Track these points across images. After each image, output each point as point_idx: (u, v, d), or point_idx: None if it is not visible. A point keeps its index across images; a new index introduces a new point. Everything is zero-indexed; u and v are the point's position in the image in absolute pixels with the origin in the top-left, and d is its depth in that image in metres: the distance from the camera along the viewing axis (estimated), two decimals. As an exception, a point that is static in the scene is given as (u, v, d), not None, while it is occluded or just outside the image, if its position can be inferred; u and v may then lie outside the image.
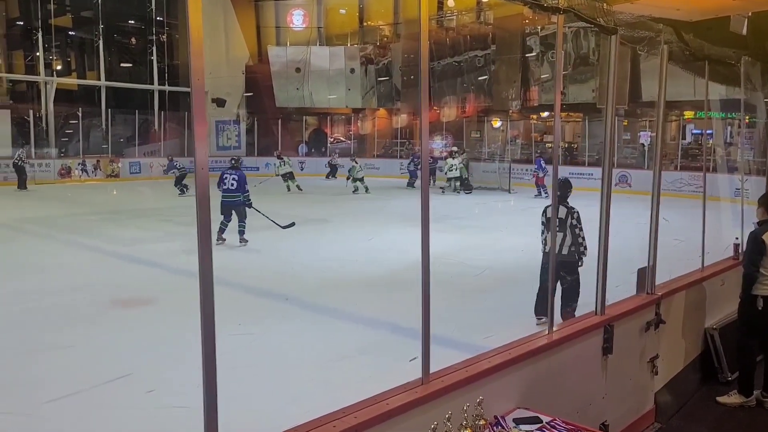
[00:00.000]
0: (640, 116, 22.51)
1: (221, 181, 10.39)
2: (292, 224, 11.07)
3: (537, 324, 5.74)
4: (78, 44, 27.66)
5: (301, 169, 26.96)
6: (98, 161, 23.90)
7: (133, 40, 28.76)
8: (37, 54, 24.33)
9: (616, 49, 3.97)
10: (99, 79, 25.91)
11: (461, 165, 20.59)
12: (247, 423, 3.66)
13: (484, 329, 5.77)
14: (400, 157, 26.52)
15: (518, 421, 3.14)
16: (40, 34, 24.09)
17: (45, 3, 24.16)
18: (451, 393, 2.99)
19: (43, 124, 24.13)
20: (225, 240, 10.40)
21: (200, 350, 2.15)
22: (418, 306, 3.18)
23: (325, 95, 28.65)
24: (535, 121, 25.73)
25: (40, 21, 24.12)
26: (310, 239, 11.28)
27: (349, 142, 29.57)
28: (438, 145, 25.13)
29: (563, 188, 6.01)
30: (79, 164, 23.37)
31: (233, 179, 10.38)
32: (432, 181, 23.03)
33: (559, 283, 5.88)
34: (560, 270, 5.86)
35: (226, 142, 27.95)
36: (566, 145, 24.41)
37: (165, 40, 28.21)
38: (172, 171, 19.49)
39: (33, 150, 23.06)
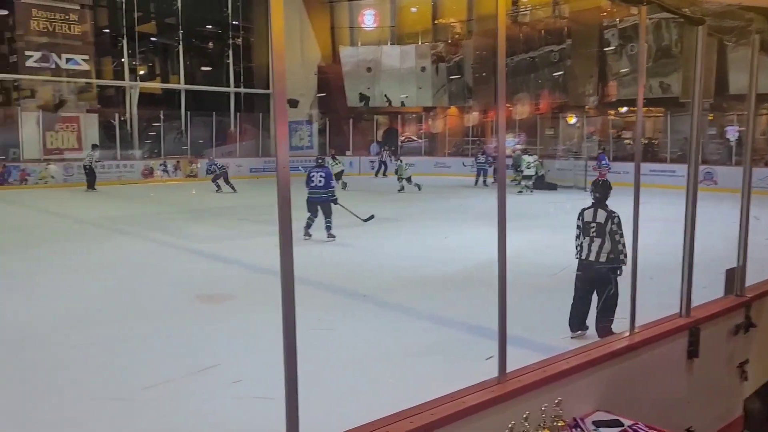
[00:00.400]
0: (726, 110, 21.44)
1: (309, 179, 10.79)
2: (372, 217, 11.34)
3: (572, 338, 5.46)
4: (161, 50, 28.82)
5: (372, 168, 27.19)
6: (178, 162, 24.85)
7: (211, 44, 29.74)
8: (122, 60, 25.52)
9: (702, 41, 3.81)
10: (179, 83, 26.91)
11: (537, 162, 20.19)
12: (325, 416, 3.73)
13: (561, 330, 5.65)
14: (471, 155, 26.29)
15: (598, 424, 3.07)
16: (125, 41, 25.25)
17: (131, 11, 25.32)
18: (529, 393, 2.95)
19: (128, 127, 25.29)
20: (311, 235, 10.71)
21: (281, 344, 2.22)
22: (493, 305, 3.15)
23: (396, 94, 28.73)
24: (613, 117, 24.94)
25: (125, 28, 25.29)
26: (387, 237, 11.38)
27: (419, 140, 29.54)
28: (510, 143, 24.78)
29: (603, 190, 5.68)
30: (160, 165, 24.38)
31: (320, 176, 10.79)
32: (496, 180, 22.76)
33: (595, 293, 5.57)
34: (597, 280, 5.52)
35: (299, 142, 28.50)
36: (646, 141, 23.55)
37: (241, 43, 29.02)
38: (210, 171, 20.52)
39: (119, 152, 24.22)
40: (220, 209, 16.08)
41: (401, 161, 20.77)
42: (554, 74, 25.42)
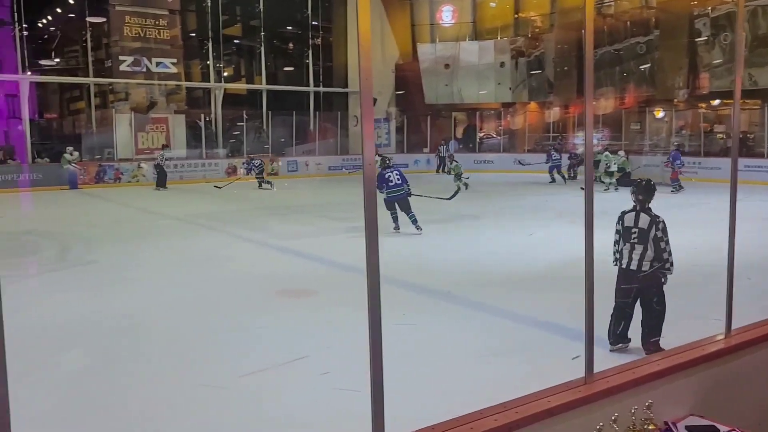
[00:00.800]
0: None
1: (384, 181, 11.00)
2: (456, 194, 11.70)
3: (610, 351, 5.07)
4: (245, 52, 29.75)
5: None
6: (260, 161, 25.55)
7: (292, 44, 30.41)
8: (207, 62, 26.49)
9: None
10: (261, 84, 27.68)
11: (623, 158, 19.50)
12: (409, 410, 3.78)
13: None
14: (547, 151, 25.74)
15: (691, 429, 2.94)
16: (210, 44, 26.20)
17: (218, 15, 26.24)
18: (617, 395, 2.86)
19: (213, 127, 26.25)
20: (399, 228, 11.14)
21: (366, 338, 2.25)
22: (578, 304, 3.07)
23: (474, 90, 28.44)
24: (704, 110, 23.74)
25: (210, 32, 26.24)
26: (470, 234, 11.34)
27: (498, 137, 29.16)
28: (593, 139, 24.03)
29: (646, 192, 5.11)
30: (243, 163, 25.16)
31: (396, 175, 11.20)
32: (573, 175, 22.10)
33: (639, 305, 5.13)
34: (641, 290, 5.07)
35: (377, 139, 28.74)
36: (741, 135, 22.31)
37: (320, 43, 29.52)
38: (251, 170, 21.16)
39: (204, 151, 25.19)
40: (300, 206, 16.42)
41: (456, 160, 20.44)
42: (640, 67, 24.46)
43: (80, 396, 4.49)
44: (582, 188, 5.14)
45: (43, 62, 24.91)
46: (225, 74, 27.91)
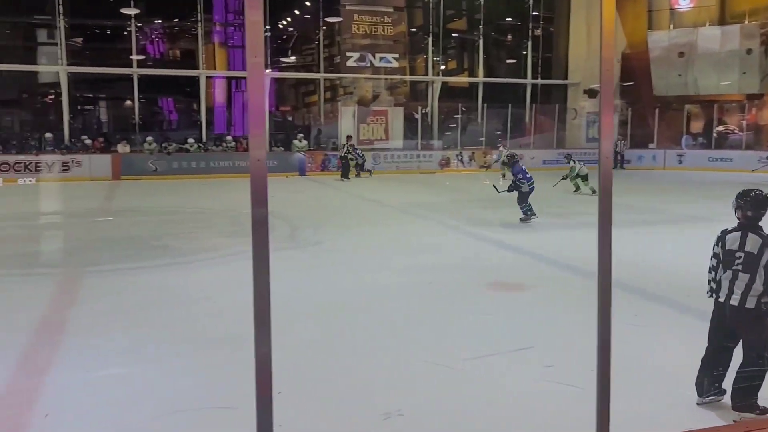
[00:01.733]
0: None
1: (525, 174, 11.83)
2: (507, 190, 12.21)
3: (698, 404, 4.10)
4: (463, 45, 30.11)
5: (680, 163, 24.91)
6: (473, 153, 25.74)
7: (510, 36, 30.11)
8: (425, 56, 27.24)
9: None
10: (478, 77, 27.81)
11: None
12: (635, 416, 3.67)
13: None
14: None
15: None
16: (429, 39, 26.92)
17: (442, 10, 26.89)
18: None
19: (429, 120, 27.00)
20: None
21: (589, 334, 2.17)
22: None
23: (713, 80, 25.68)
24: None
25: (432, 26, 26.95)
26: (703, 237, 10.39)
27: (740, 132, 26.06)
28: None
29: (757, 206, 4.00)
30: (456, 155, 25.54)
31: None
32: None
33: (740, 348, 4.03)
34: (742, 333, 3.97)
35: (596, 133, 27.37)
36: None
37: (540, 34, 28.82)
38: (353, 159, 21.45)
39: (419, 142, 26.02)
40: (511, 199, 16.25)
41: (574, 161, 18.49)
42: None
43: (310, 365, 4.91)
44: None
45: (282, 59, 27.59)
46: (445, 68, 28.48)
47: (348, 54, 25.63)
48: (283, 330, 5.57)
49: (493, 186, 12.88)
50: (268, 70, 25.13)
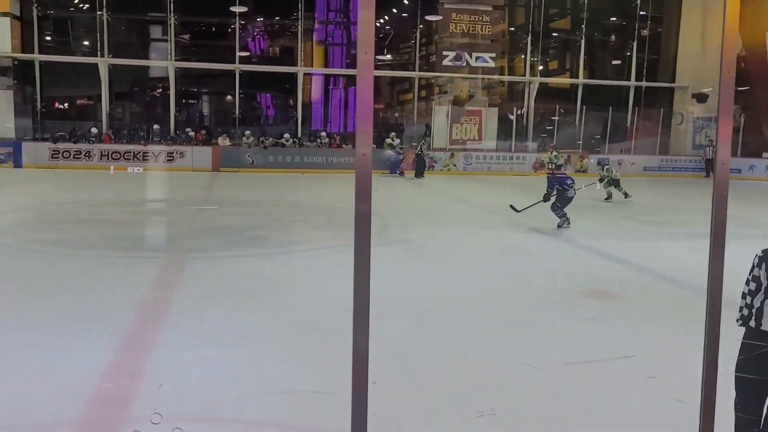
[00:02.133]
0: None
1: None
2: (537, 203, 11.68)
3: None
4: (565, 44, 29.33)
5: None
6: (569, 156, 25.04)
7: (613, 36, 29.04)
8: (523, 56, 26.74)
9: None
10: (578, 77, 27.01)
11: None
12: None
13: None
14: None
15: None
16: (528, 38, 26.40)
17: (543, 9, 26.33)
18: None
19: (524, 121, 26.50)
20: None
21: (693, 348, 2.08)
22: None
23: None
24: None
25: (531, 25, 26.44)
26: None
27: None
28: None
29: None
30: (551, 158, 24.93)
31: None
32: None
33: None
34: None
35: (703, 139, 25.98)
36: None
37: (647, 34, 27.64)
38: (394, 160, 21.37)
39: (513, 144, 25.59)
40: (605, 206, 15.73)
41: (607, 164, 17.29)
42: None
43: (401, 359, 4.95)
44: None
45: (378, 57, 27.89)
46: (543, 68, 27.86)
47: (444, 53, 25.57)
48: (373, 323, 5.67)
49: (511, 207, 12.21)
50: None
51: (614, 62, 28.59)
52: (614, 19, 28.44)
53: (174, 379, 4.49)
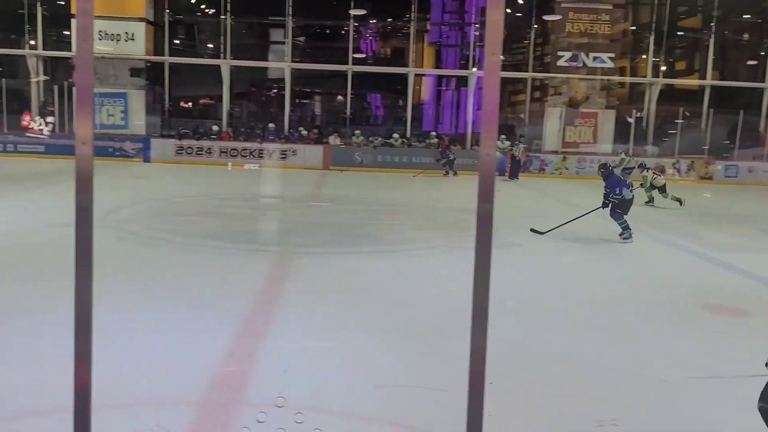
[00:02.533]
0: None
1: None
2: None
3: None
4: (700, 44, 27.59)
5: None
6: (692, 162, 23.60)
7: (747, 35, 27.01)
8: (644, 56, 25.41)
9: None
10: (705, 79, 25.37)
11: None
12: None
13: None
14: None
15: None
16: (651, 38, 25.07)
17: (670, 6, 24.97)
18: None
19: (644, 124, 25.18)
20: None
21: None
22: None
23: None
24: None
25: (655, 24, 25.08)
26: None
27: None
28: None
29: None
30: (673, 164, 23.56)
31: None
32: None
33: None
34: None
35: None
36: None
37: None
38: (445, 156, 21.25)
39: (631, 148, 24.37)
40: (736, 216, 14.66)
41: (647, 168, 15.70)
42: None
43: (515, 362, 4.82)
44: None
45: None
46: (665, 69, 26.38)
47: (559, 53, 24.82)
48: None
49: (532, 230, 10.91)
50: (474, 69, 25.21)
51: (746, 62, 26.56)
52: (748, 16, 26.43)
53: (289, 368, 4.59)
